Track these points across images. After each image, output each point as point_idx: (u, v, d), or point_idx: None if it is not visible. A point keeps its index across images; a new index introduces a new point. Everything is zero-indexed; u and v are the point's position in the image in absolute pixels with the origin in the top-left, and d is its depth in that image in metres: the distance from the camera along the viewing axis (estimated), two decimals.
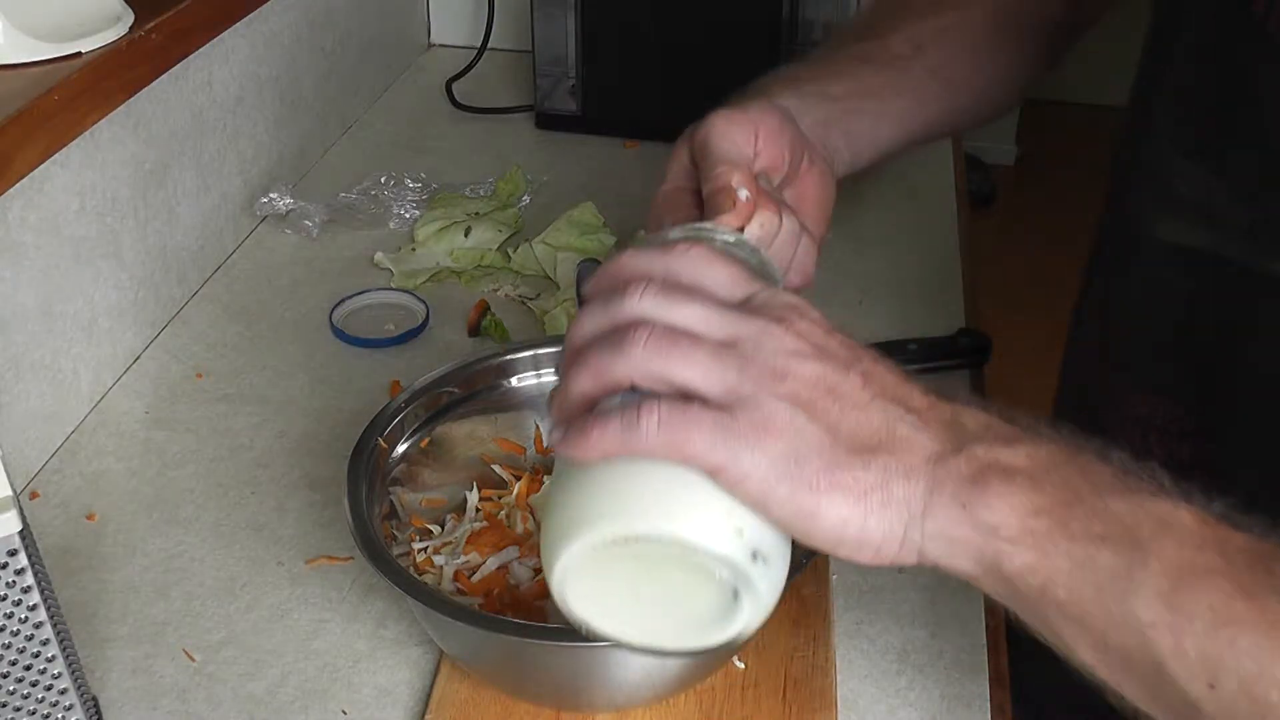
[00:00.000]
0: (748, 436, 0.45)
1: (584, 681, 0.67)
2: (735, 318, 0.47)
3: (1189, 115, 0.65)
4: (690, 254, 0.50)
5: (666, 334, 0.46)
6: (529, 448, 0.81)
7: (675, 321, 0.47)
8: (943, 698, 0.70)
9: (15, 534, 0.55)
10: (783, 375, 0.46)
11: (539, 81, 1.36)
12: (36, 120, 0.78)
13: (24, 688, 0.60)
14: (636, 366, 0.46)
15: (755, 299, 0.49)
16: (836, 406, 0.46)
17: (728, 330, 0.47)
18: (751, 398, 0.45)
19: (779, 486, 0.45)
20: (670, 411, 0.45)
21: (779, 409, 0.45)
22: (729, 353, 0.46)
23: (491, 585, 0.72)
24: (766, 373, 0.46)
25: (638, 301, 0.47)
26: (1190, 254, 0.65)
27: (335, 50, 1.31)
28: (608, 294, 0.49)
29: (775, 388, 0.46)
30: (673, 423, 0.45)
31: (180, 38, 0.95)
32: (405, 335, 1.02)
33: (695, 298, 0.48)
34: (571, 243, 1.10)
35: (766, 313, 0.48)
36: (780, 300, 0.48)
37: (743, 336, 0.47)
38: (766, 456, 0.45)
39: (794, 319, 0.47)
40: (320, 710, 0.70)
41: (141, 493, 0.86)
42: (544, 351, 0.80)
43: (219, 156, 1.10)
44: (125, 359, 0.98)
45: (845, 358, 0.47)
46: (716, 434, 0.45)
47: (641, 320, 0.47)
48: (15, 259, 0.83)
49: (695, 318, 0.47)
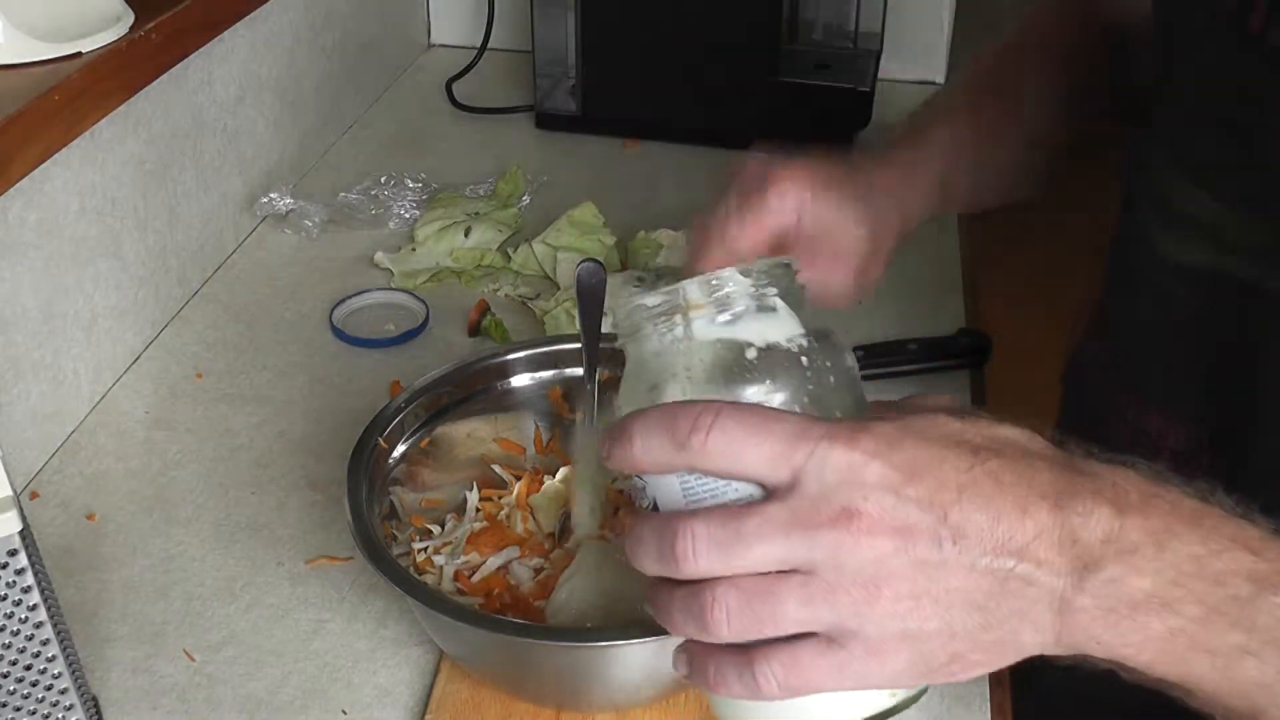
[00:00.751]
0: (868, 663, 0.44)
1: (584, 681, 0.67)
2: (801, 538, 0.43)
3: (1191, 136, 0.65)
4: (712, 444, 0.44)
5: (743, 603, 0.43)
6: (529, 448, 0.81)
7: (741, 570, 0.44)
8: (943, 698, 0.70)
9: (15, 534, 0.55)
10: (876, 589, 0.43)
11: (539, 81, 1.36)
12: (36, 120, 0.78)
13: (24, 688, 0.60)
14: (728, 639, 0.44)
15: (806, 479, 0.43)
16: (941, 591, 0.43)
17: (799, 557, 0.43)
18: (856, 629, 0.43)
19: (915, 681, 0.45)
20: (783, 669, 0.44)
21: (888, 627, 0.43)
22: (813, 588, 0.43)
23: (491, 585, 0.72)
24: (860, 597, 0.43)
25: (693, 560, 0.44)
26: (1197, 273, 0.65)
27: (335, 50, 1.31)
28: (658, 543, 0.45)
29: (874, 608, 0.43)
30: (791, 678, 0.44)
31: (180, 38, 0.95)
32: (405, 335, 1.01)
33: (749, 531, 0.43)
34: (571, 243, 1.10)
35: (828, 507, 0.43)
36: (833, 469, 0.43)
37: (818, 560, 0.43)
38: (894, 668, 0.44)
39: (859, 503, 0.43)
40: (320, 710, 0.70)
41: (141, 493, 0.86)
42: (544, 351, 0.80)
43: (219, 156, 1.10)
44: (125, 359, 0.98)
45: (929, 523, 0.43)
46: (838, 671, 0.44)
47: (708, 584, 0.44)
48: (15, 259, 0.83)
49: (761, 558, 0.43)
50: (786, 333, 0.48)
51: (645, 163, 1.30)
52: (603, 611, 0.68)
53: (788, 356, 0.48)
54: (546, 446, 0.81)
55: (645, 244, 1.11)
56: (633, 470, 0.46)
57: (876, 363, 0.97)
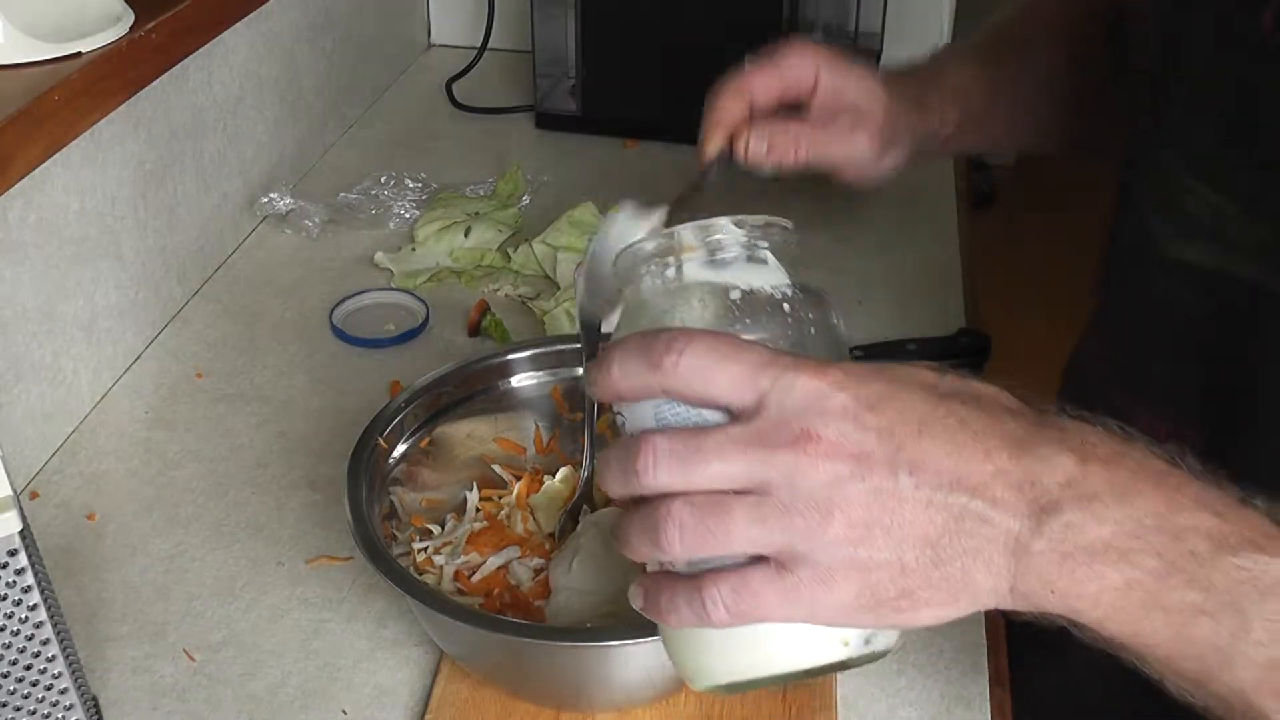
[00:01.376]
0: (816, 590, 0.43)
1: (584, 681, 0.67)
2: (759, 458, 0.43)
3: (1197, 134, 0.65)
4: (684, 365, 0.44)
5: (697, 519, 0.44)
6: (529, 448, 0.81)
7: (698, 485, 0.44)
8: (943, 698, 0.70)
9: (15, 534, 0.55)
10: (828, 513, 0.43)
11: (539, 81, 1.36)
12: (36, 120, 0.78)
13: (24, 688, 0.60)
14: (681, 556, 0.45)
15: (769, 402, 0.44)
16: (893, 521, 0.43)
17: (755, 476, 0.43)
18: (806, 552, 0.43)
19: (864, 616, 0.44)
20: (731, 593, 0.44)
21: (837, 554, 0.43)
22: (766, 508, 0.43)
23: (491, 585, 0.72)
24: (812, 521, 0.43)
25: (653, 475, 0.44)
26: (1200, 273, 0.65)
27: (335, 50, 1.31)
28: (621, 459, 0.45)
29: (825, 532, 0.43)
30: (739, 602, 0.44)
31: (180, 38, 0.95)
32: (405, 335, 1.02)
33: (709, 447, 0.44)
34: (571, 243, 1.10)
35: (788, 429, 0.43)
36: (798, 395, 0.43)
37: (773, 481, 0.43)
38: (842, 599, 0.43)
39: (819, 427, 0.43)
40: (320, 710, 0.70)
41: (141, 493, 0.86)
42: (544, 351, 0.80)
43: (219, 156, 1.10)
44: (125, 359, 0.98)
45: (887, 452, 0.43)
46: (785, 598, 0.44)
47: (664, 499, 0.44)
48: (15, 259, 0.83)
49: (718, 475, 0.44)
50: (773, 282, 0.49)
51: (645, 163, 1.30)
52: (604, 597, 0.68)
53: (770, 302, 0.49)
54: (546, 446, 0.81)
55: None
56: (613, 397, 0.47)
57: None
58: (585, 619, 0.68)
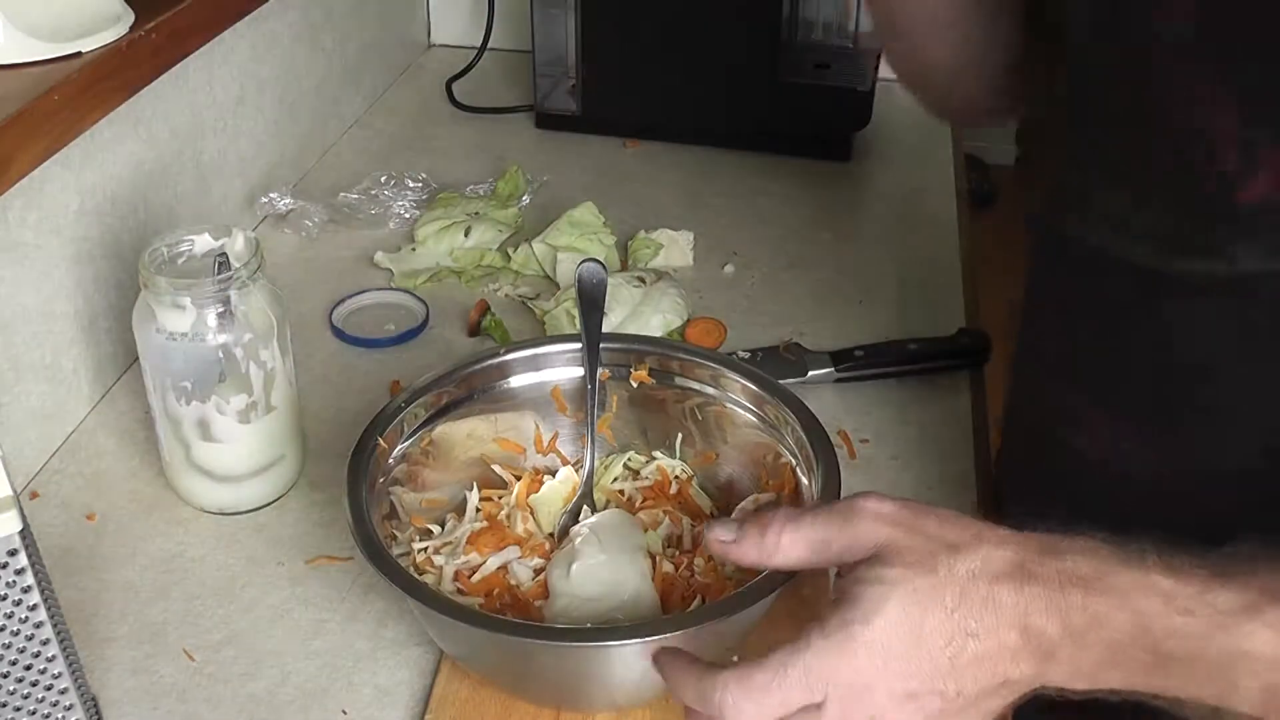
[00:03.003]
0: None
1: (584, 681, 0.67)
2: None
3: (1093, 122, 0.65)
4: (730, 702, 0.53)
5: None
6: (529, 448, 0.80)
7: None
8: None
9: (15, 534, 0.55)
10: None
11: (539, 81, 1.36)
12: (36, 120, 0.78)
13: (24, 688, 0.60)
14: None
15: None
16: None
17: None
18: None
19: None
20: None
21: None
22: None
23: (491, 585, 0.72)
24: None
25: None
26: (1106, 260, 0.65)
27: (335, 50, 1.31)
28: None
29: None
30: None
31: (180, 38, 0.95)
32: (405, 335, 1.02)
33: None
34: (571, 243, 1.10)
35: None
36: None
37: None
38: None
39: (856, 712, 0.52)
40: (320, 710, 0.70)
41: (141, 493, 0.86)
42: (544, 351, 0.80)
43: (219, 156, 1.10)
44: (125, 359, 0.98)
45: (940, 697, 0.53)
46: None
47: None
48: (15, 259, 0.83)
49: None
50: None
51: (645, 163, 1.30)
52: (602, 603, 0.68)
53: None
54: (546, 446, 0.81)
55: (645, 244, 1.11)
56: None
57: (876, 362, 0.96)
58: (584, 624, 0.68)
